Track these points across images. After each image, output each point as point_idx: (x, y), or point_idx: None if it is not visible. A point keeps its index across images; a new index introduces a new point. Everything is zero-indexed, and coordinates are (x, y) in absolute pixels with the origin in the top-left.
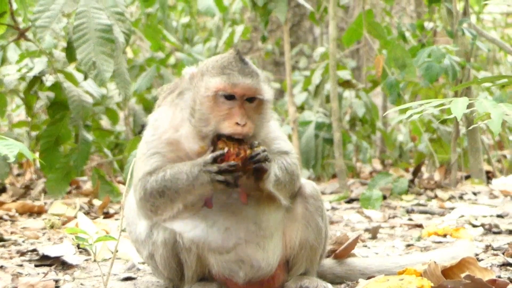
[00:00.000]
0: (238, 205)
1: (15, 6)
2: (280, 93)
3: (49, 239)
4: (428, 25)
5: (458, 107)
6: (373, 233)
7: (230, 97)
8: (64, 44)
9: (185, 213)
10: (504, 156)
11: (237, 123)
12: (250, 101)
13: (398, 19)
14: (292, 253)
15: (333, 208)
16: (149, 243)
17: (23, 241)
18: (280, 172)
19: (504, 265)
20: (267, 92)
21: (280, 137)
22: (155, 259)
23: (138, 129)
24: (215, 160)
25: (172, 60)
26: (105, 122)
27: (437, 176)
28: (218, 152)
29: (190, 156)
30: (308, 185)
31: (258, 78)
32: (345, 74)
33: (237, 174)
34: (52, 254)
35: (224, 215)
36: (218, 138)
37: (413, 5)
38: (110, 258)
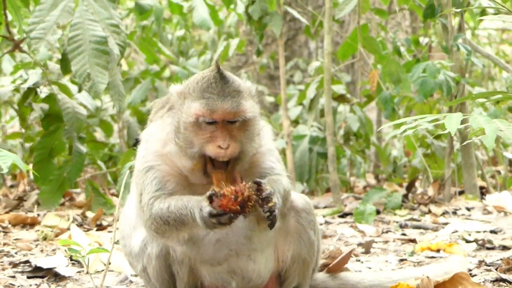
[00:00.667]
0: None
1: (10, 17)
2: (274, 107)
3: (42, 250)
4: (423, 40)
5: (452, 122)
6: (366, 247)
7: (211, 122)
8: (58, 56)
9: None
10: (498, 172)
11: (219, 146)
12: (232, 123)
13: (393, 34)
14: (284, 266)
15: (327, 222)
16: (142, 257)
17: (16, 253)
18: (281, 205)
19: (497, 280)
20: (251, 110)
21: (271, 151)
22: (148, 271)
23: (132, 142)
24: (211, 213)
25: (167, 73)
26: (99, 134)
27: (431, 191)
28: (215, 211)
29: (182, 172)
30: (300, 199)
31: (240, 96)
32: (339, 89)
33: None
34: (45, 265)
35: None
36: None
37: (409, 20)
38: (102, 270)
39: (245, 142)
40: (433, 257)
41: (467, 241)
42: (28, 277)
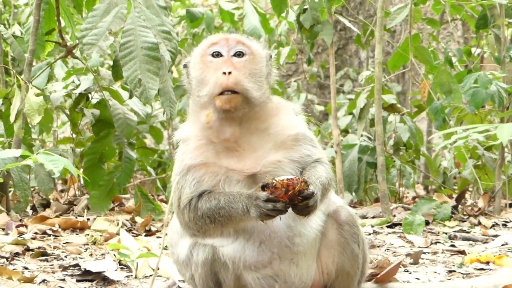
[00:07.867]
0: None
1: (63, 23)
2: (324, 116)
3: (91, 254)
4: (475, 50)
5: (504, 132)
6: (415, 258)
7: (217, 55)
8: (110, 62)
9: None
10: None
11: (223, 73)
12: (239, 56)
13: (445, 44)
14: (329, 279)
15: (375, 232)
16: (189, 264)
17: (66, 256)
18: (320, 195)
19: None
20: (256, 46)
21: (305, 136)
22: (194, 279)
23: None
24: (268, 198)
25: None
26: (149, 141)
27: (481, 203)
28: (272, 196)
29: (214, 142)
30: (343, 211)
31: (245, 37)
32: (390, 98)
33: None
34: (94, 269)
35: (258, 229)
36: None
37: (461, 30)
38: (151, 275)
39: (250, 78)
40: (482, 269)
41: None
42: (78, 281)
